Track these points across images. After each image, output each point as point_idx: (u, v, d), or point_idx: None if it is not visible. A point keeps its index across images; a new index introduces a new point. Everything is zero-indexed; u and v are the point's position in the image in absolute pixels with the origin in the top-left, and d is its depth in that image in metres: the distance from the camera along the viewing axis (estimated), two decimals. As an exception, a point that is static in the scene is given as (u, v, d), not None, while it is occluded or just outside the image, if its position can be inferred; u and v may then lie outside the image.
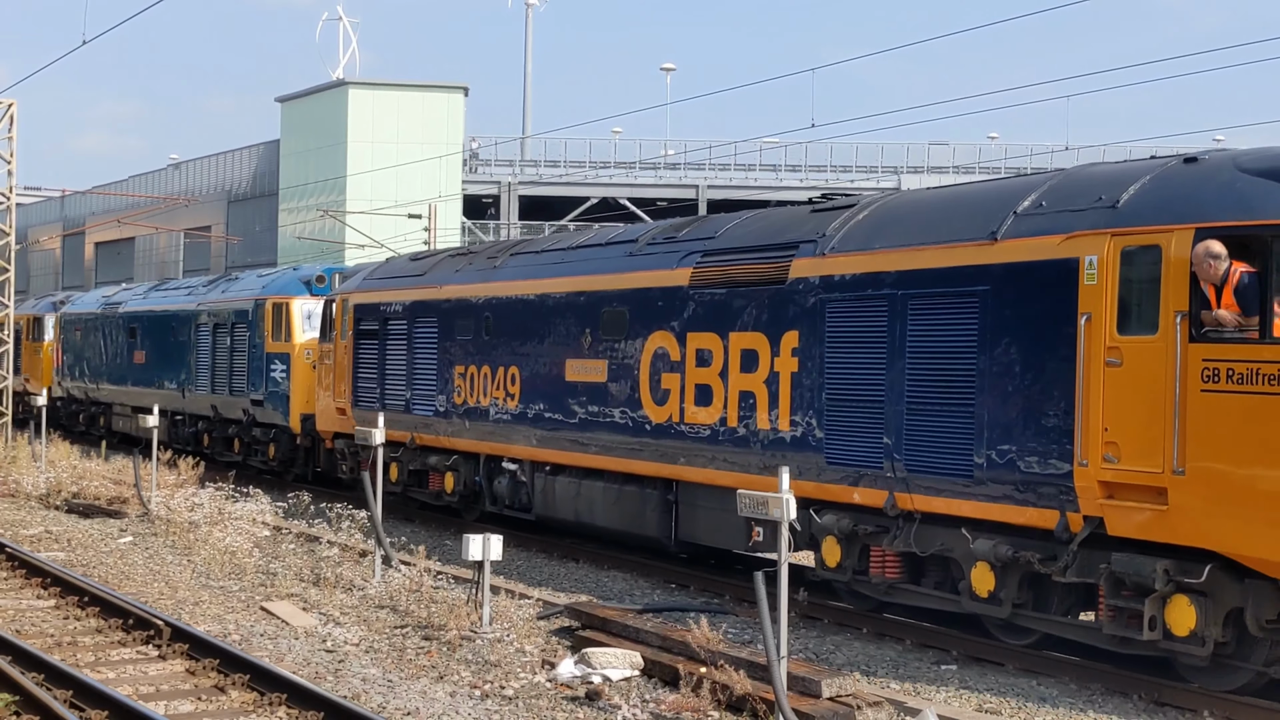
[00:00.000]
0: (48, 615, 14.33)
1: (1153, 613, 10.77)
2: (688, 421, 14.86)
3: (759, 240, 14.44)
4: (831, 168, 66.18)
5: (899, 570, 13.02)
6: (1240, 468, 10.20)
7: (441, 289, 19.59)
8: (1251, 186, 10.56)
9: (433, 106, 63.66)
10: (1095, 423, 10.99)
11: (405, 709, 10.73)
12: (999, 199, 12.28)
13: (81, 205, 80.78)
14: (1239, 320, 10.33)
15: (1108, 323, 10.96)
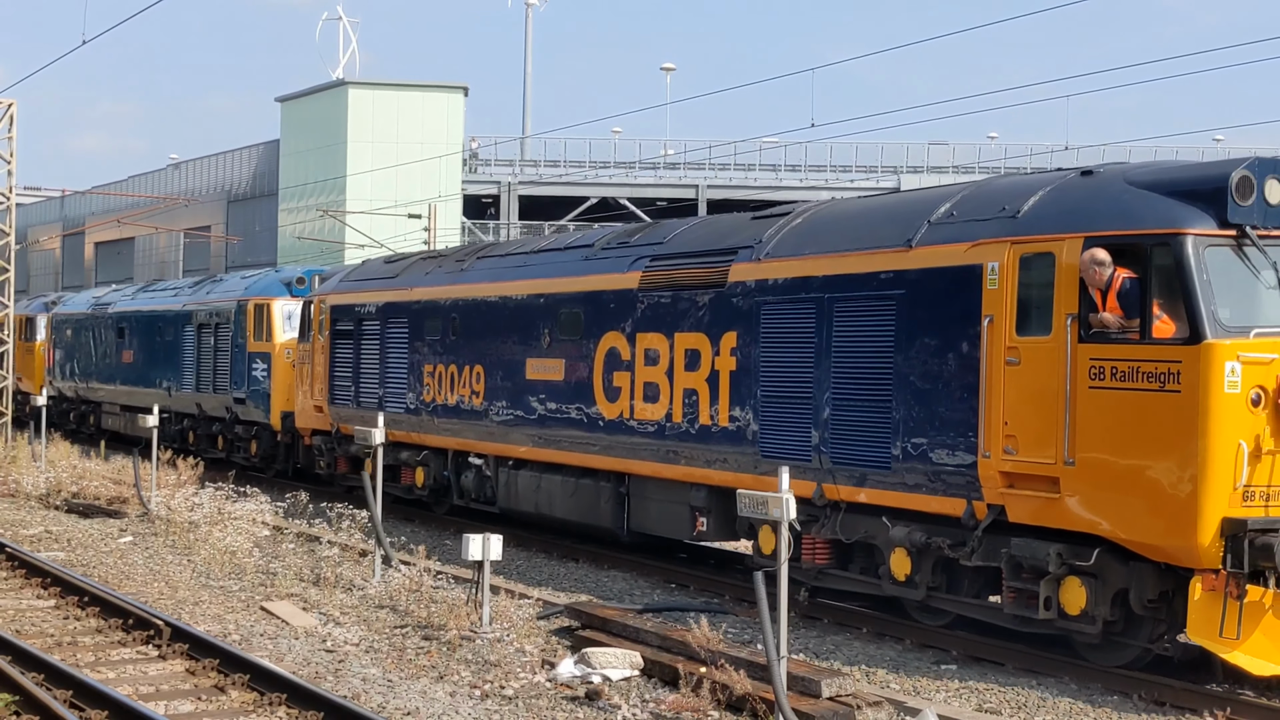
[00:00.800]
0: (48, 615, 14.54)
1: (1048, 593, 11.80)
2: (637, 418, 15.95)
3: (702, 246, 15.53)
4: (831, 168, 67.13)
5: (828, 556, 14.05)
6: (1122, 458, 11.23)
7: (412, 291, 20.73)
8: (1135, 199, 11.59)
9: (433, 106, 64.52)
10: (996, 417, 12.03)
11: (405, 709, 10.89)
12: (916, 208, 13.33)
13: (81, 205, 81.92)
14: (1122, 322, 11.34)
15: (1008, 324, 12.00)
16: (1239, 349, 10.76)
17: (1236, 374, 10.76)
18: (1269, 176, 11.22)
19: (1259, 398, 10.81)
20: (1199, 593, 10.90)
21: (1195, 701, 11.05)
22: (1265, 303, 11.14)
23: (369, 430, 16.64)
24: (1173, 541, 10.97)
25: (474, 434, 18.99)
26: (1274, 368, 10.82)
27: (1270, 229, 11.20)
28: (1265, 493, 10.83)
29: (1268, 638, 10.91)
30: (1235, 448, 10.70)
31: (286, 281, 26.86)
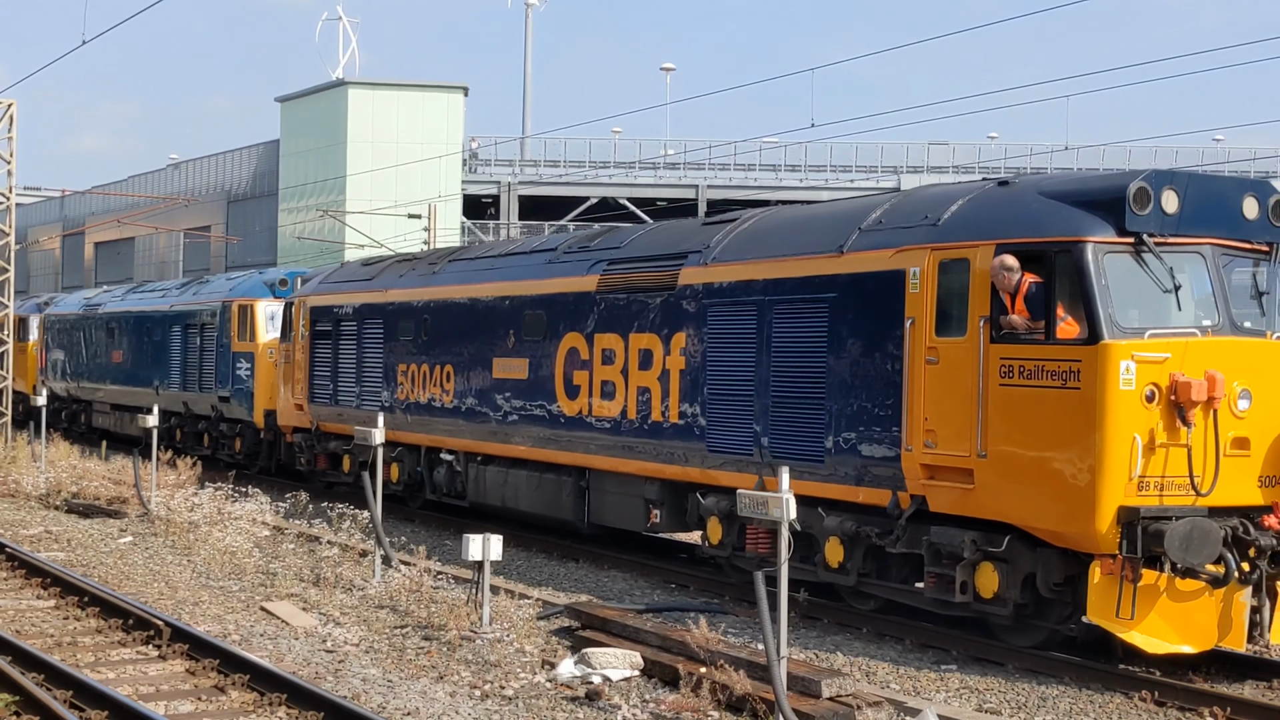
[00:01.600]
0: (48, 615, 14.67)
1: (963, 578, 12.78)
2: (595, 415, 16.97)
3: (655, 250, 16.55)
4: (831, 167, 68.03)
5: (770, 546, 15.03)
6: (1029, 451, 12.21)
7: (387, 293, 21.81)
8: (1044, 208, 12.57)
9: (432, 106, 65.49)
10: (918, 413, 13.03)
11: (405, 709, 11.01)
12: (849, 216, 14.33)
13: (81, 205, 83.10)
14: (1028, 324, 12.33)
15: (928, 326, 12.98)
16: (1134, 349, 11.73)
17: (1131, 372, 11.73)
18: (1165, 187, 12.17)
19: (1153, 394, 11.77)
20: (1098, 576, 11.87)
21: (1195, 701, 11.43)
22: (1160, 306, 12.10)
23: (368, 430, 16.95)
24: (1073, 528, 11.94)
25: (445, 431, 20.04)
26: (1167, 366, 11.78)
27: (1167, 236, 12.16)
28: (1159, 483, 11.80)
29: (1162, 618, 11.89)
30: (1130, 441, 11.67)
31: (270, 283, 28.01)
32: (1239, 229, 12.53)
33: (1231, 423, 11.97)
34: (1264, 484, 12.20)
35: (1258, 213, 12.60)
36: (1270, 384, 12.23)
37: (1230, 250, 12.48)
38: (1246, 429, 12.07)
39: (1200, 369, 11.83)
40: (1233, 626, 12.04)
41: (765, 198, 63.51)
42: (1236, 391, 11.99)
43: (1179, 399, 11.73)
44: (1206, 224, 12.36)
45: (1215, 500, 11.88)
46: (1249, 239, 12.58)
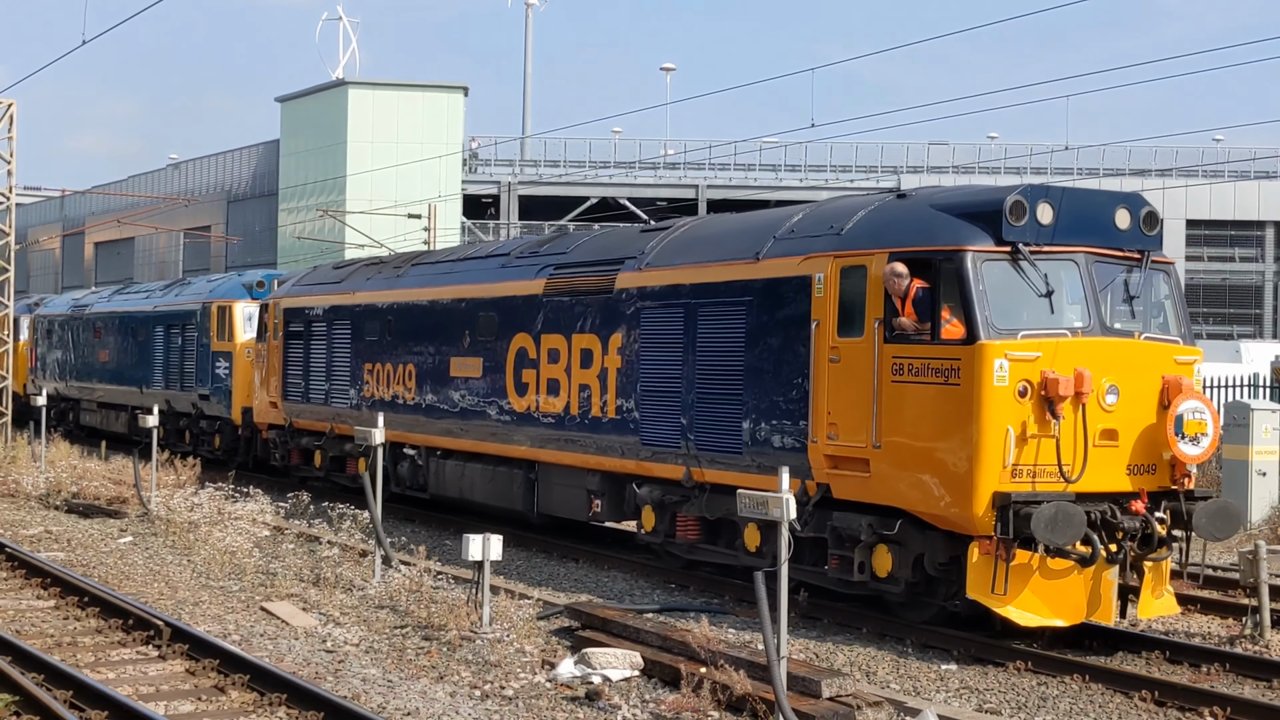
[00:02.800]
0: (48, 615, 14.89)
1: (861, 559, 14.24)
2: (542, 411, 18.47)
3: (597, 256, 18.04)
4: (831, 167, 69.51)
5: (698, 532, 16.52)
6: (916, 442, 13.65)
7: (354, 295, 23.40)
8: (932, 219, 14.02)
9: (433, 106, 67.02)
10: (822, 408, 14.48)
11: (405, 709, 11.19)
12: (766, 225, 15.81)
13: (81, 205, 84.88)
14: (916, 326, 13.75)
15: (831, 327, 14.43)
16: (1007, 349, 13.15)
17: (1005, 370, 13.15)
18: (1040, 201, 13.61)
19: (1025, 389, 13.19)
20: (976, 556, 13.28)
21: (1195, 701, 11.81)
22: (1033, 309, 13.52)
23: (368, 430, 17.47)
24: (955, 512, 13.37)
25: (407, 427, 21.59)
26: (1038, 364, 13.20)
27: (1042, 246, 13.59)
28: (1031, 471, 13.21)
29: (1035, 595, 13.31)
30: (1004, 432, 13.08)
31: (247, 285, 29.71)
32: (1112, 238, 13.95)
33: (1100, 416, 13.38)
34: (1132, 472, 13.60)
35: (1129, 223, 14.02)
36: (1138, 380, 13.63)
37: (1103, 258, 13.88)
38: (1115, 421, 13.48)
39: (1070, 367, 13.23)
40: (1101, 603, 13.45)
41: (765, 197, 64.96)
42: (1105, 387, 13.39)
43: (1048, 394, 13.11)
44: (1080, 234, 13.78)
45: (1084, 487, 13.27)
46: (1121, 247, 13.99)
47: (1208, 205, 67.44)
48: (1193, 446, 13.60)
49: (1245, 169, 67.61)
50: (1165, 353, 13.94)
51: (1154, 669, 13.06)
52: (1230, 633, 14.58)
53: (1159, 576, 13.89)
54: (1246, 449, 22.15)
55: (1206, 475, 23.58)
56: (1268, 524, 21.45)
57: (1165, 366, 13.82)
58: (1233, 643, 14.02)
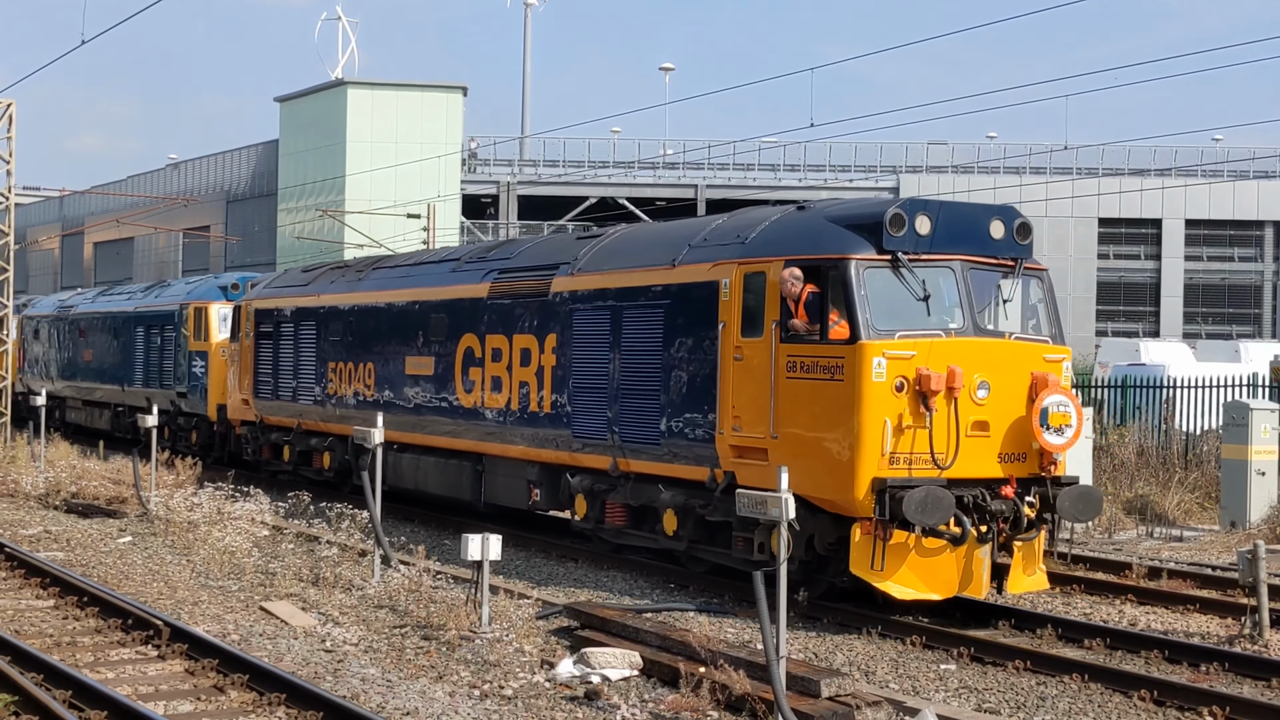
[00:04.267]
0: (47, 615, 15.15)
1: (761, 540, 16.00)
2: (487, 406, 20.31)
3: (536, 261, 19.88)
4: (830, 167, 71.19)
5: (624, 519, 18.32)
6: (808, 433, 15.41)
7: (320, 297, 25.34)
8: (824, 230, 15.80)
9: (432, 106, 68.76)
10: (728, 402, 16.27)
11: (404, 709, 11.38)
12: (683, 234, 17.62)
13: (80, 205, 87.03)
14: (808, 327, 15.53)
15: (735, 328, 16.21)
16: (885, 348, 14.90)
17: (883, 367, 14.90)
18: (919, 213, 15.37)
19: (902, 385, 14.92)
20: (858, 536, 15.02)
21: (1195, 700, 12.13)
22: (910, 312, 15.24)
23: (367, 430, 18.10)
24: (839, 496, 15.12)
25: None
26: (914, 362, 14.93)
27: (920, 254, 15.34)
28: (908, 458, 14.95)
29: (911, 571, 15.06)
30: (882, 424, 14.82)
31: (223, 287, 31.84)
32: (987, 247, 15.71)
33: (971, 409, 15.11)
34: (1003, 460, 15.34)
35: (1004, 233, 15.78)
36: (1008, 377, 15.36)
37: (979, 265, 15.63)
38: (986, 414, 15.20)
39: (943, 364, 14.96)
40: (974, 579, 15.19)
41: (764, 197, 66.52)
42: (976, 382, 15.11)
43: (922, 389, 14.83)
44: (957, 243, 15.53)
45: (957, 473, 14.99)
46: (996, 255, 15.75)
47: (1207, 205, 68.98)
48: (1057, 436, 15.34)
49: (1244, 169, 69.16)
50: (1035, 351, 15.68)
51: (1153, 668, 13.46)
52: (1229, 632, 15.07)
53: (1030, 555, 15.61)
54: (1245, 448, 22.63)
55: (1205, 475, 25.14)
56: (1266, 524, 21.97)
57: (1034, 364, 15.55)
58: (1232, 642, 14.48)
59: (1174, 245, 70.67)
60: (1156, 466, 26.19)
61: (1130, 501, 24.18)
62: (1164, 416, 28.82)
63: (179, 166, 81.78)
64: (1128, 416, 30.17)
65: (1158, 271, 71.11)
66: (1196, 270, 71.36)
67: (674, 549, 17.56)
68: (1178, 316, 70.24)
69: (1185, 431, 27.71)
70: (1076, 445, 21.13)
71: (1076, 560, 19.16)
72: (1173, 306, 70.63)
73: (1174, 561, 19.63)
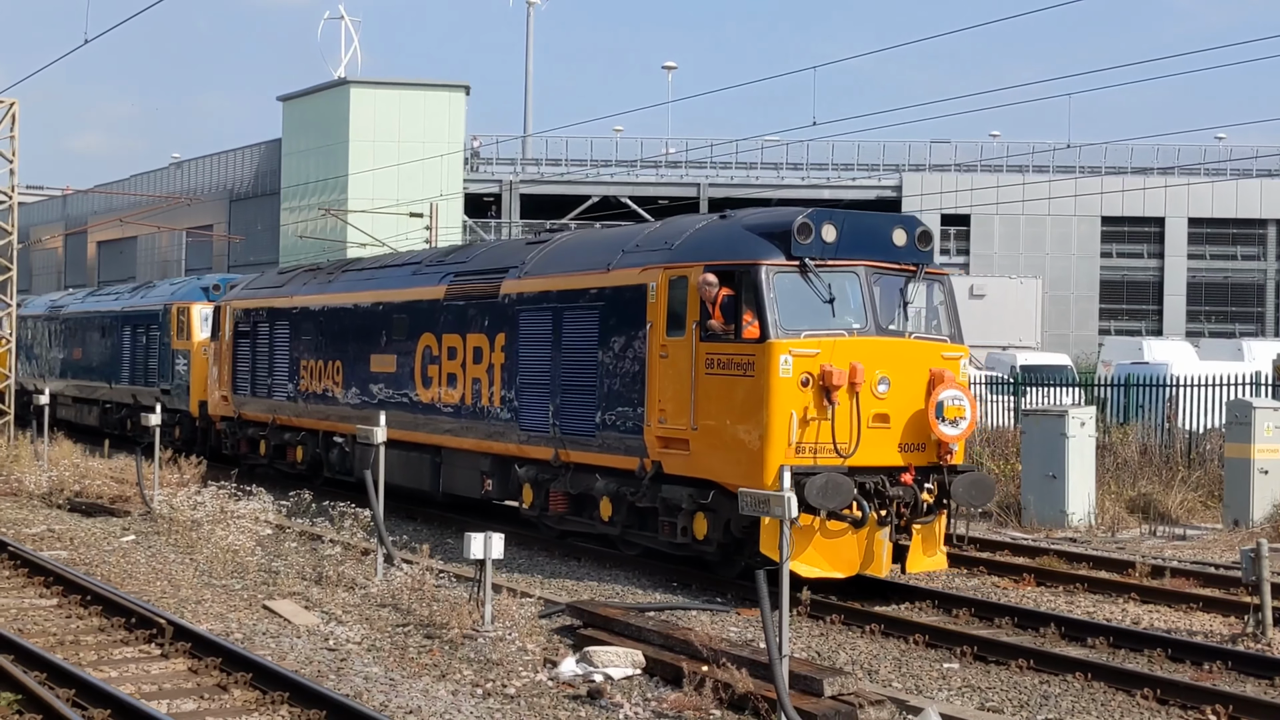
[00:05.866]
0: (50, 614, 15.46)
1: (684, 524, 17.79)
2: (444, 401, 22.16)
3: (488, 265, 21.72)
4: (833, 166, 72.83)
5: (566, 506, 20.12)
6: (723, 424, 17.17)
7: (293, 298, 27.28)
8: (739, 237, 17.58)
9: (434, 105, 70.43)
10: (655, 397, 18.05)
11: (407, 707, 11.58)
12: (618, 240, 19.42)
13: (83, 204, 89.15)
14: (723, 327, 17.27)
15: (661, 328, 17.97)
16: (791, 346, 16.65)
17: (789, 364, 16.65)
18: (825, 222, 17.13)
19: (807, 380, 16.67)
20: (768, 520, 16.79)
21: (1199, 698, 12.34)
22: (815, 313, 16.97)
23: (370, 429, 18.55)
24: (751, 483, 16.71)
25: (336, 417, 25.36)
26: (818, 359, 16.66)
27: (826, 260, 17.10)
28: (813, 448, 16.69)
29: (817, 551, 16.79)
30: (789, 416, 16.56)
31: (205, 288, 33.99)
32: (890, 254, 17.44)
33: (872, 402, 16.86)
34: (903, 450, 17.07)
35: (906, 241, 17.53)
36: (907, 373, 17.08)
37: (882, 270, 17.37)
38: (886, 407, 16.94)
39: (846, 361, 16.71)
40: (874, 559, 16.92)
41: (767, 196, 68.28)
42: (877, 378, 16.85)
43: (825, 384, 16.62)
44: (862, 250, 17.27)
45: (858, 461, 16.72)
46: (898, 261, 17.48)
47: (1210, 203, 70.44)
48: (952, 428, 17.07)
49: (1248, 167, 70.49)
50: (933, 350, 17.42)
51: (1156, 667, 13.70)
52: (1232, 631, 15.31)
53: (929, 537, 17.32)
54: (1249, 447, 22.99)
55: (1208, 474, 25.71)
56: (1269, 522, 22.26)
57: (933, 361, 17.29)
58: (1235, 641, 14.71)
59: (1177, 244, 72.10)
60: (1159, 465, 26.63)
61: (1133, 500, 24.69)
62: (1167, 415, 29.16)
63: (182, 166, 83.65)
64: (1131, 415, 30.58)
65: (1161, 270, 72.51)
66: (1200, 269, 72.74)
67: (609, 534, 19.36)
68: (1181, 315, 71.60)
69: (1188, 430, 27.95)
70: (1081, 444, 23.48)
71: (1078, 559, 19.91)
72: (1176, 305, 72.03)
73: (1177, 560, 20.17)
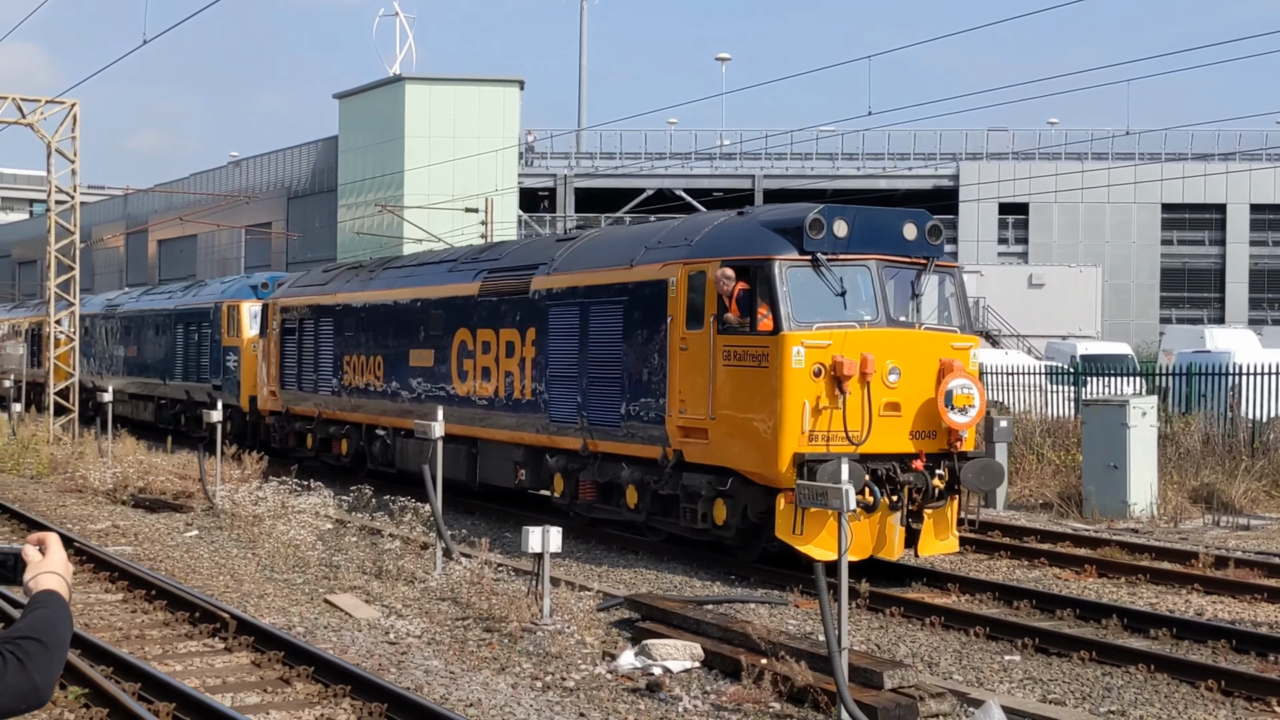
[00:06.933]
0: (116, 609, 15.83)
1: (704, 510, 18.73)
2: (479, 394, 23.18)
3: (519, 262, 22.73)
4: (889, 155, 73.35)
5: (594, 494, 21.10)
6: (740, 414, 18.11)
7: (336, 295, 28.41)
8: (755, 233, 18.49)
9: (489, 100, 71.52)
10: (675, 388, 18.99)
11: (468, 700, 11.75)
12: (642, 237, 20.38)
13: (144, 203, 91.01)
14: (739, 320, 18.22)
15: (681, 322, 18.92)
16: (804, 338, 17.56)
17: (802, 355, 17.58)
18: (836, 218, 18.01)
19: (819, 370, 17.57)
20: (782, 505, 17.65)
21: (1263, 690, 12.25)
22: (827, 306, 17.88)
23: (428, 424, 19.34)
24: (766, 470, 17.79)
25: (378, 410, 26.47)
26: (830, 350, 17.58)
27: (838, 254, 17.97)
28: (826, 435, 17.61)
29: (830, 535, 17.63)
30: (801, 405, 17.48)
31: (254, 286, 35.29)
32: (901, 248, 18.30)
33: (883, 391, 17.74)
34: (914, 437, 17.95)
35: (916, 235, 18.38)
36: (917, 363, 17.95)
37: (893, 264, 18.24)
38: (897, 396, 17.82)
39: (857, 352, 17.60)
40: (886, 542, 17.81)
41: (822, 187, 69.08)
42: (888, 368, 17.73)
43: (837, 374, 17.53)
44: (873, 244, 18.14)
45: (870, 448, 17.61)
46: (909, 255, 18.34)
47: (1272, 189, 70.47)
48: (961, 415, 17.92)
49: (1309, 151, 70.69)
50: (943, 340, 18.27)
51: (1220, 658, 13.63)
52: None
53: (941, 521, 18.18)
54: None
55: (1272, 463, 26.03)
56: None
57: (943, 351, 18.14)
58: None
59: (1239, 230, 72.20)
60: (1222, 455, 26.79)
61: (1196, 490, 24.90)
62: (1229, 404, 29.31)
63: (240, 164, 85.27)
64: (1193, 404, 30.85)
65: (1222, 257, 72.62)
66: (1262, 255, 72.74)
67: (635, 520, 20.32)
68: (1243, 303, 71.70)
69: (1251, 419, 28.05)
70: (1142, 434, 24.10)
71: (1141, 549, 20.30)
72: (1238, 292, 72.13)
73: (1241, 551, 20.36)
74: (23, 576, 3.55)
